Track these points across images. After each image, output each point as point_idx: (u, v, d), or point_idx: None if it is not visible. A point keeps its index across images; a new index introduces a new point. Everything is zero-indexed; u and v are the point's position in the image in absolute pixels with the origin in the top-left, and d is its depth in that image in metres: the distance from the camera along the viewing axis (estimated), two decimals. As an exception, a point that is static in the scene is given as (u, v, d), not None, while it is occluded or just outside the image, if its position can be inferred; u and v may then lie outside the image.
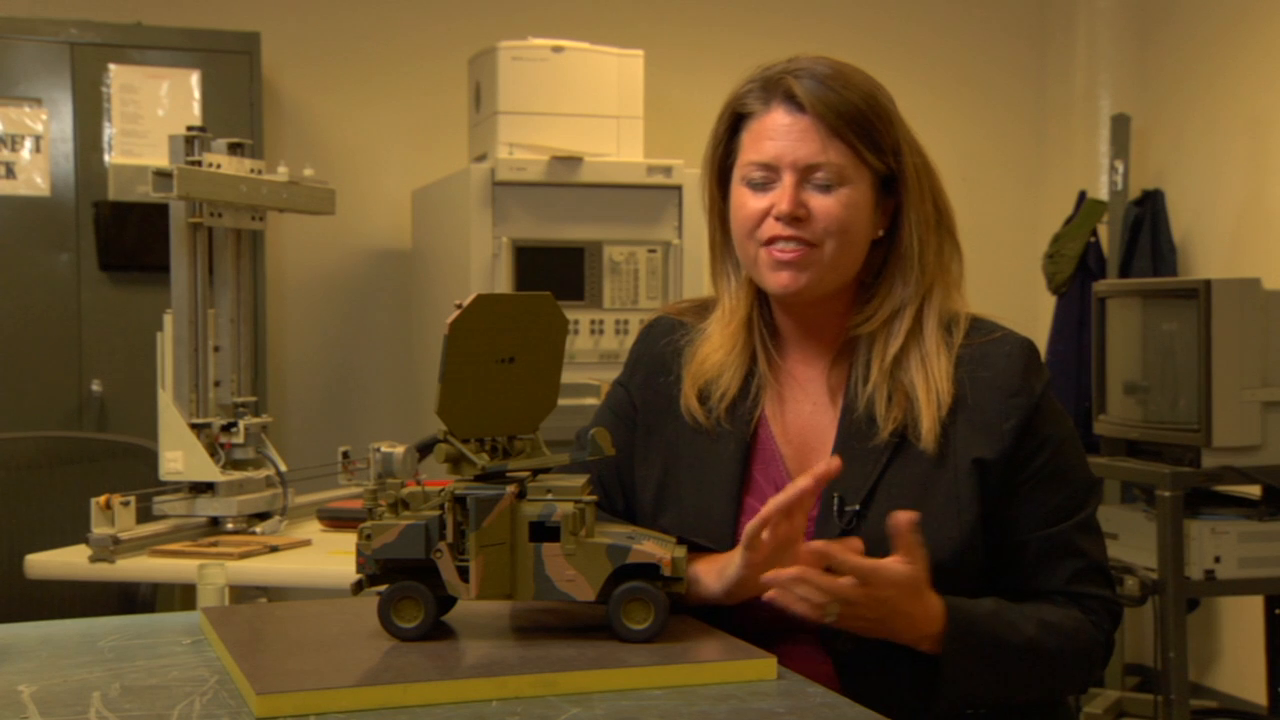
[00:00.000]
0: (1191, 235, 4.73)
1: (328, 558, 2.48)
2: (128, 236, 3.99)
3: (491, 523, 1.38)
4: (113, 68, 4.03)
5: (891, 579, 1.44)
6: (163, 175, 2.49)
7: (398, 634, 1.40)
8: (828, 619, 1.41)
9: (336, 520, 2.72)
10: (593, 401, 3.78)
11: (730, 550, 1.59)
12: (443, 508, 1.39)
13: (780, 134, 1.60)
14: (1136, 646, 4.76)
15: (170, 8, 4.35)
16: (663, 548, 1.42)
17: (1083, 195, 4.77)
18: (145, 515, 2.55)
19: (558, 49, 4.04)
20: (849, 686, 1.53)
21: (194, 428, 2.59)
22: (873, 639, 1.50)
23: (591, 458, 1.49)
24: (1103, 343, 3.96)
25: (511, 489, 1.39)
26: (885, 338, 1.63)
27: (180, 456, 2.57)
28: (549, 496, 1.41)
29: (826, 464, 1.45)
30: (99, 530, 2.40)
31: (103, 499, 2.41)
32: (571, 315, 3.61)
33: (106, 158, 4.02)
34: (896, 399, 1.60)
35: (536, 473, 1.47)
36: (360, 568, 1.41)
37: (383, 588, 1.41)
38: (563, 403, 1.52)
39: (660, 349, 1.75)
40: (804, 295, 1.62)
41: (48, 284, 4.01)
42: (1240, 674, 4.51)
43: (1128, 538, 3.73)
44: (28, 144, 4.00)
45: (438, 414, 1.40)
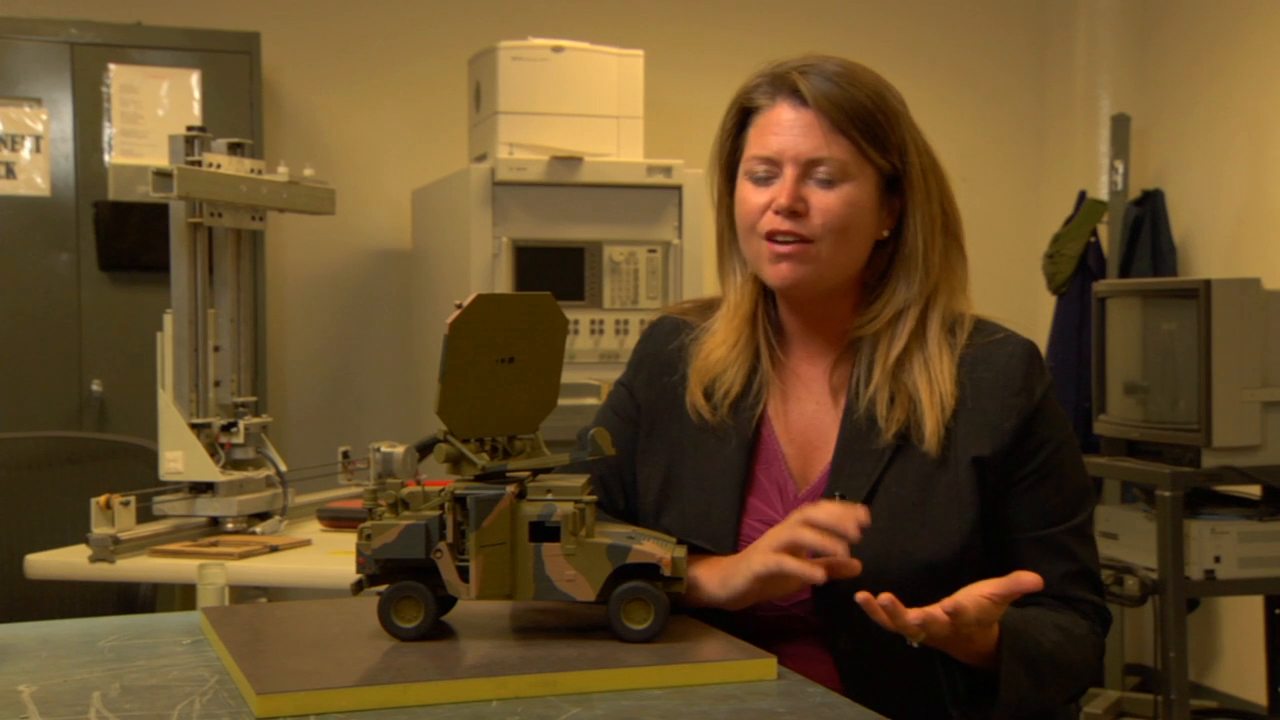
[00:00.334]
0: (1191, 235, 4.73)
1: (328, 558, 2.48)
2: (128, 236, 3.99)
3: (491, 523, 1.38)
4: (113, 68, 4.03)
5: (983, 620, 1.42)
6: (163, 175, 2.49)
7: (398, 634, 1.40)
8: (914, 644, 1.40)
9: (336, 520, 2.72)
10: (593, 401, 3.78)
11: (731, 553, 1.60)
12: (443, 508, 1.39)
13: (784, 128, 1.60)
14: (1136, 646, 4.76)
15: (170, 8, 4.35)
16: (663, 548, 1.42)
17: (1083, 195, 4.77)
18: (145, 515, 2.55)
19: (558, 49, 4.04)
20: (849, 686, 1.53)
21: (194, 428, 2.59)
22: (872, 639, 1.49)
23: (592, 458, 1.49)
24: (1103, 343, 3.96)
25: (511, 489, 1.39)
26: (889, 339, 1.63)
27: (180, 456, 2.57)
28: (549, 496, 1.41)
29: (856, 514, 1.45)
30: (99, 530, 2.40)
31: (103, 499, 2.41)
32: (571, 315, 3.61)
33: (106, 158, 4.01)
34: (899, 401, 1.60)
35: (536, 473, 1.47)
36: (360, 568, 1.41)
37: (383, 588, 1.41)
38: (563, 403, 1.52)
39: (665, 348, 1.74)
40: (802, 289, 1.62)
41: (48, 284, 4.01)
42: (1240, 674, 4.51)
43: (1128, 538, 3.73)
44: (28, 144, 4.00)
45: (438, 414, 1.40)
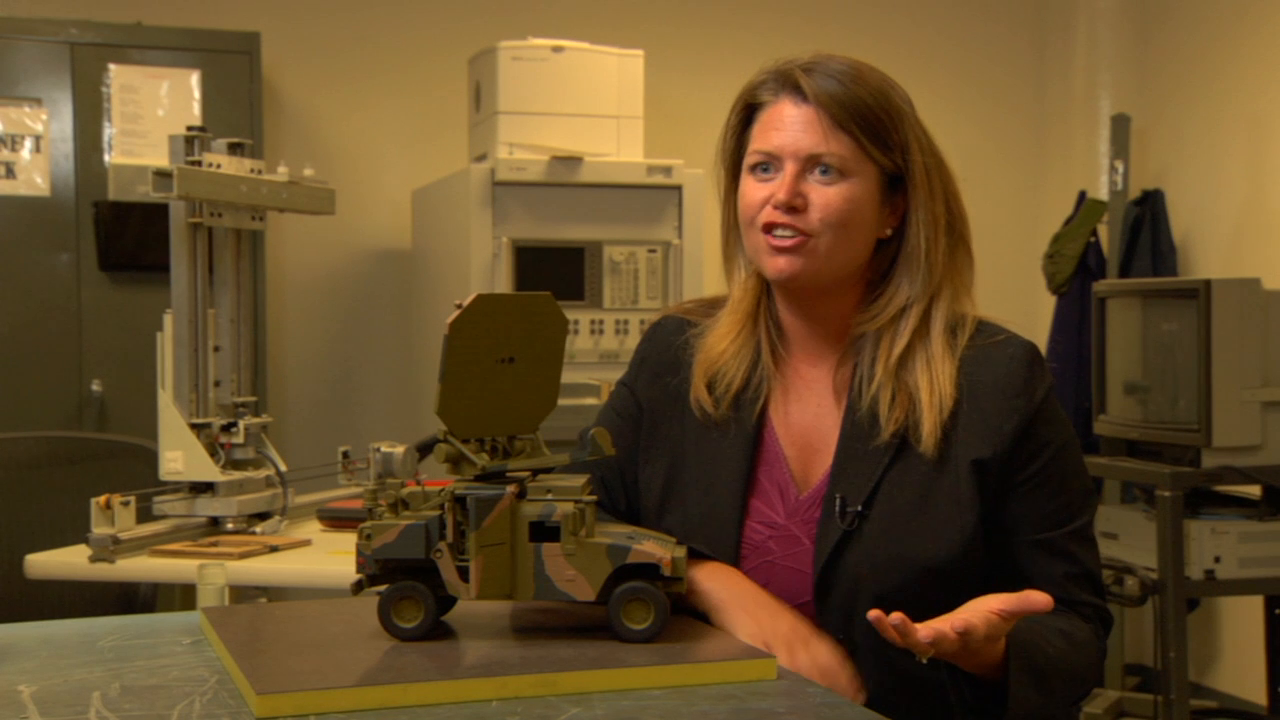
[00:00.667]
0: (1191, 235, 4.73)
1: (328, 558, 2.48)
2: (128, 236, 4.00)
3: (491, 523, 1.38)
4: (113, 68, 4.03)
5: (992, 636, 1.42)
6: (163, 175, 2.49)
7: (398, 634, 1.40)
8: (922, 659, 1.40)
9: (336, 520, 2.72)
10: (593, 401, 3.78)
11: (733, 555, 1.61)
12: (443, 508, 1.38)
13: (785, 124, 1.61)
14: (1136, 646, 4.76)
15: (170, 8, 4.35)
16: (663, 548, 1.42)
17: (1083, 195, 4.77)
18: (145, 515, 2.55)
19: (558, 49, 4.04)
20: (856, 674, 1.53)
21: (194, 428, 2.59)
22: (874, 642, 1.49)
23: (591, 458, 1.49)
24: (1103, 343, 3.96)
25: (511, 489, 1.39)
26: (891, 336, 1.63)
27: (180, 456, 2.57)
28: (549, 496, 1.40)
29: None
30: (99, 530, 2.40)
31: (103, 499, 2.41)
32: (571, 315, 3.61)
33: (106, 158, 4.01)
34: (899, 399, 1.60)
35: (536, 473, 1.47)
36: (360, 568, 1.41)
37: (383, 588, 1.41)
38: (563, 403, 1.52)
39: (667, 348, 1.74)
40: (800, 283, 1.62)
41: (48, 284, 4.01)
42: (1240, 674, 4.51)
43: (1128, 538, 3.73)
44: (28, 144, 4.00)
45: (438, 414, 1.40)
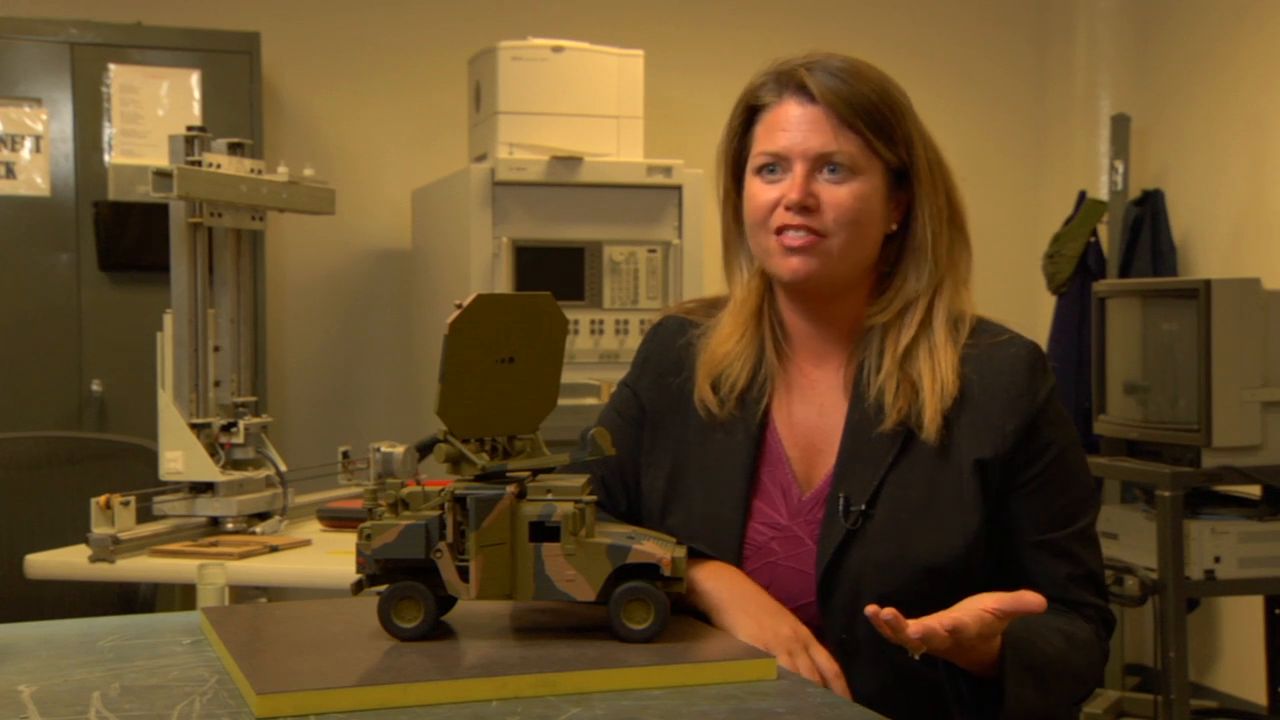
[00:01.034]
0: (1191, 235, 4.73)
1: (328, 558, 2.48)
2: (128, 236, 3.99)
3: (491, 523, 1.38)
4: (113, 68, 4.03)
5: (984, 634, 1.42)
6: (163, 175, 2.49)
7: (398, 634, 1.40)
8: (915, 656, 1.41)
9: (336, 520, 2.72)
10: (593, 401, 3.78)
11: (735, 557, 1.61)
12: (443, 508, 1.39)
13: (792, 125, 1.60)
14: (1136, 646, 4.76)
15: (170, 8, 4.35)
16: (663, 548, 1.42)
17: (1083, 195, 4.77)
18: (145, 515, 2.55)
19: (558, 49, 4.04)
20: (849, 686, 1.53)
21: (194, 428, 2.59)
22: (874, 641, 1.49)
23: (591, 458, 1.49)
24: (1103, 343, 3.96)
25: (511, 489, 1.39)
26: (898, 329, 1.63)
27: (180, 456, 2.57)
28: (549, 496, 1.40)
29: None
30: (99, 530, 2.40)
31: (103, 499, 2.41)
32: (571, 315, 3.61)
33: (106, 158, 4.01)
34: (903, 389, 1.60)
35: (536, 473, 1.47)
36: (360, 568, 1.41)
37: (383, 588, 1.41)
38: (563, 403, 1.52)
39: (670, 348, 1.74)
40: (813, 283, 1.62)
41: (48, 284, 4.01)
42: (1240, 674, 4.51)
43: (1128, 538, 3.73)
44: (28, 144, 4.00)
45: (438, 414, 1.40)
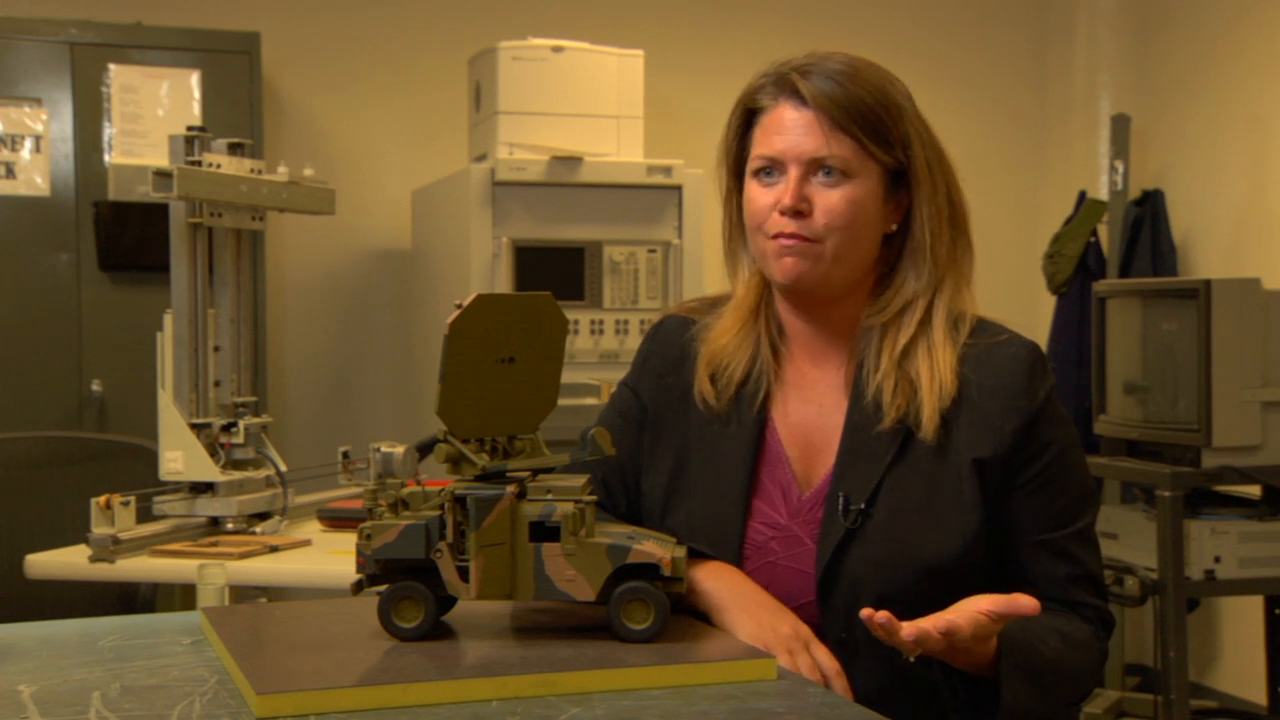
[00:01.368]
0: (1191, 235, 4.73)
1: (328, 558, 2.48)
2: (128, 236, 3.99)
3: (491, 523, 1.38)
4: (113, 68, 4.03)
5: (979, 636, 1.42)
6: (163, 175, 2.49)
7: (398, 634, 1.40)
8: (910, 658, 1.41)
9: (336, 520, 2.72)
10: (593, 401, 3.77)
11: (736, 557, 1.62)
12: (443, 508, 1.39)
13: (786, 129, 1.61)
14: (1136, 646, 4.76)
15: (170, 8, 4.35)
16: (663, 548, 1.42)
17: (1083, 195, 4.77)
18: (145, 515, 2.55)
19: (558, 49, 4.04)
20: (849, 686, 1.53)
21: (194, 428, 2.59)
22: (874, 641, 1.49)
23: (591, 458, 1.49)
24: (1103, 343, 3.96)
25: (511, 489, 1.39)
26: (896, 329, 1.64)
27: (180, 456, 2.57)
28: (549, 496, 1.40)
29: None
30: (99, 530, 2.40)
31: (103, 499, 2.41)
32: (571, 315, 3.61)
33: (106, 158, 4.01)
34: (902, 387, 1.60)
35: (536, 473, 1.47)
36: (360, 568, 1.41)
37: (383, 588, 1.41)
38: (563, 403, 1.52)
39: (672, 346, 1.74)
40: (808, 286, 1.63)
41: (48, 284, 4.01)
42: (1240, 674, 4.51)
43: (1128, 538, 3.73)
44: (28, 144, 4.00)
45: (438, 414, 1.40)
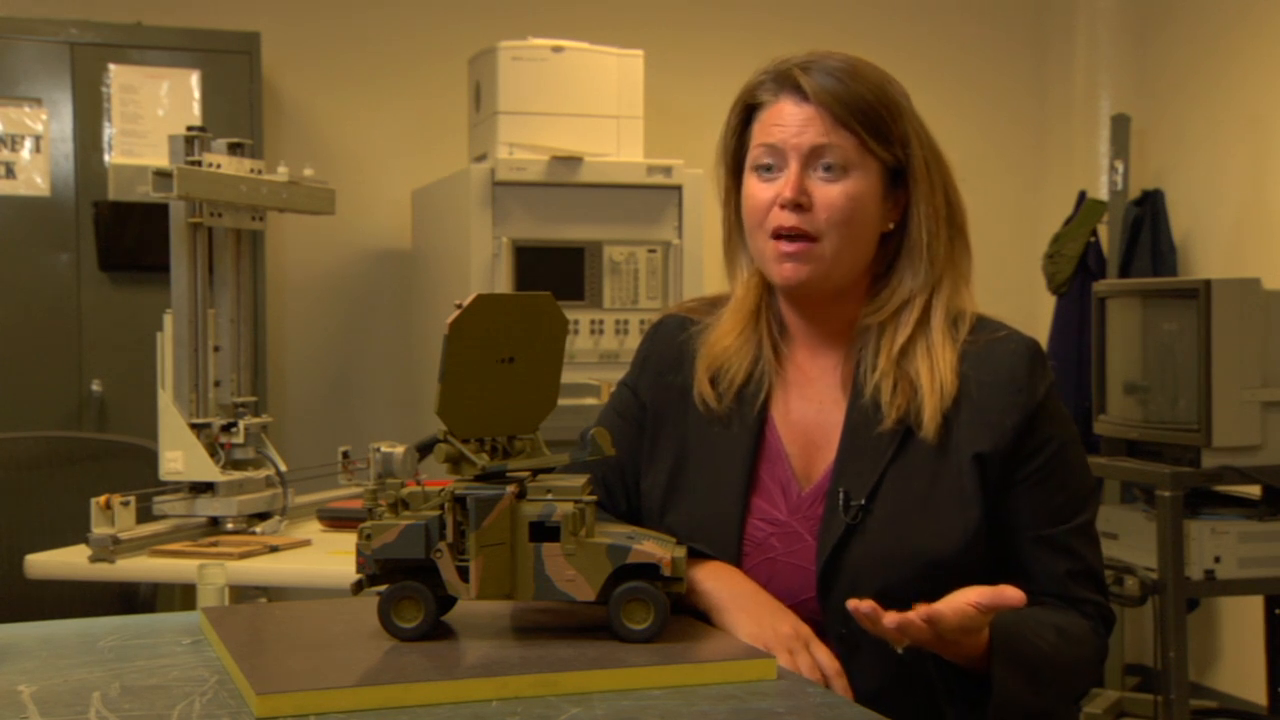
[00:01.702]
0: (1191, 235, 4.73)
1: (328, 558, 2.48)
2: (128, 236, 3.99)
3: (491, 523, 1.38)
4: (113, 68, 4.03)
5: (966, 627, 1.42)
6: (163, 175, 2.49)
7: (398, 634, 1.40)
8: (898, 649, 1.42)
9: (336, 520, 2.72)
10: (593, 401, 3.77)
11: (735, 555, 1.62)
12: (443, 508, 1.39)
13: (786, 122, 1.62)
14: (1136, 646, 4.76)
15: (170, 8, 4.35)
16: (663, 548, 1.42)
17: (1083, 195, 4.77)
18: (145, 515, 2.55)
19: (558, 49, 4.04)
20: (850, 682, 1.53)
21: (194, 428, 2.59)
22: (874, 639, 1.49)
23: (592, 458, 1.49)
24: (1103, 343, 3.96)
25: (511, 489, 1.39)
26: (894, 328, 1.64)
27: (180, 456, 2.57)
28: (549, 496, 1.40)
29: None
30: (99, 530, 2.40)
31: (103, 499, 2.41)
32: (571, 315, 3.61)
33: (106, 158, 4.01)
34: (901, 387, 1.61)
35: (536, 473, 1.47)
36: (360, 568, 1.41)
37: (383, 588, 1.41)
38: (563, 403, 1.52)
39: (671, 346, 1.74)
40: (808, 288, 1.63)
41: (48, 284, 4.01)
42: (1240, 674, 4.51)
43: (1128, 538, 3.73)
44: (28, 144, 4.00)
45: (438, 414, 1.40)
